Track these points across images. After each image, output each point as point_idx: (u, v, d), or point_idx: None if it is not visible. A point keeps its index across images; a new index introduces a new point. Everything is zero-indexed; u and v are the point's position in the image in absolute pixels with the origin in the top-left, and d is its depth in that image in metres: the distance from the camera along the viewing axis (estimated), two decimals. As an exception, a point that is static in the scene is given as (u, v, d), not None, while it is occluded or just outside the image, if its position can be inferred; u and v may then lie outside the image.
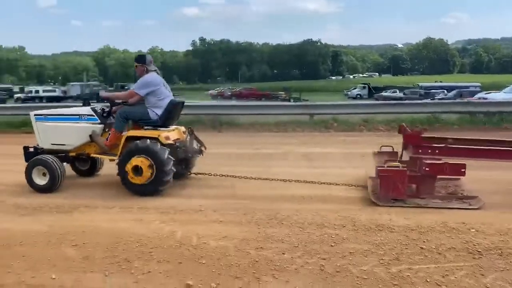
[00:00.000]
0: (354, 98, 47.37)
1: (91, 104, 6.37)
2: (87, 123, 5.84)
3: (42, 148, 5.98)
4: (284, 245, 3.84)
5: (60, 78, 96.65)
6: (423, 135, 5.27)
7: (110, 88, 44.01)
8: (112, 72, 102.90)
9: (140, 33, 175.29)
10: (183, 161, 5.99)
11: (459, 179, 5.38)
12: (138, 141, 5.40)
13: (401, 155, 5.56)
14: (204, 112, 13.72)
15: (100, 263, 3.55)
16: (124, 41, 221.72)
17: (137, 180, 5.35)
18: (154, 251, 3.75)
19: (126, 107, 5.84)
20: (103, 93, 6.48)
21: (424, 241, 3.87)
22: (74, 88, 44.39)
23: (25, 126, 12.64)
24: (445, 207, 4.75)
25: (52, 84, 72.67)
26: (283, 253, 3.66)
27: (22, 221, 4.65)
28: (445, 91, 38.23)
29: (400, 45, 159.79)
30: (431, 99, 27.16)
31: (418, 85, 49.74)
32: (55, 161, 5.67)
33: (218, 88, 62.39)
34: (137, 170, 5.31)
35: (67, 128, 5.89)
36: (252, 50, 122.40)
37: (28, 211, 4.94)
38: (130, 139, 5.51)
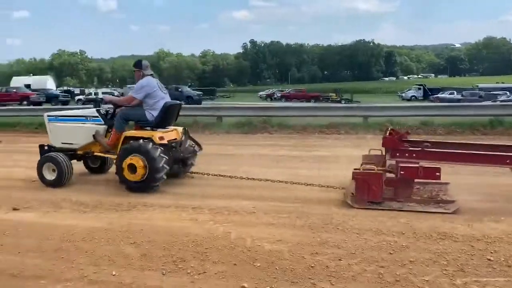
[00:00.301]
0: (409, 99, 45.81)
1: (101, 106, 6.78)
2: (92, 124, 6.25)
3: (53, 147, 6.42)
4: (340, 251, 3.74)
5: (117, 80, 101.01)
6: (405, 138, 5.30)
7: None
8: (166, 75, 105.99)
9: (193, 37, 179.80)
10: (180, 160, 6.21)
11: (447, 183, 5.38)
12: (132, 141, 5.73)
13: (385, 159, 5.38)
14: (255, 114, 13.76)
15: (157, 262, 3.63)
16: (178, 44, 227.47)
17: (132, 177, 5.64)
18: (209, 252, 3.78)
19: (125, 109, 6.17)
20: (106, 97, 6.91)
21: (491, 252, 3.63)
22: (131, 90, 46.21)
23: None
24: (420, 211, 4.69)
25: (110, 86, 76.05)
26: (339, 259, 3.56)
27: (85, 217, 4.85)
28: (508, 92, 36.03)
29: (457, 45, 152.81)
30: (492, 101, 25.69)
31: (477, 86, 47.27)
32: (63, 159, 6.12)
33: (267, 90, 62.61)
34: (132, 168, 5.59)
35: (74, 128, 6.33)
36: (302, 51, 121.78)
37: (90, 208, 5.15)
38: (127, 139, 5.84)
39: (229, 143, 10.35)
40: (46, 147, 6.48)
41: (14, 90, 35.93)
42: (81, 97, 42.81)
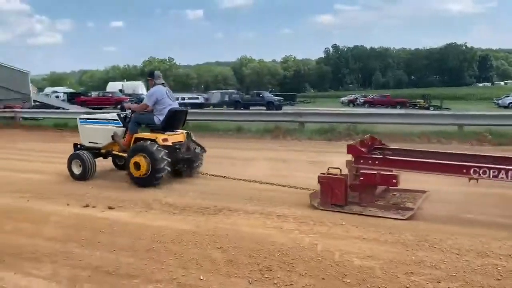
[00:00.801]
0: (506, 107, 41.97)
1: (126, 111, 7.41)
2: (113, 126, 7.09)
3: (83, 145, 7.37)
4: (439, 272, 3.42)
5: (202, 86, 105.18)
6: (378, 146, 5.55)
7: (246, 96, 46.16)
8: (248, 80, 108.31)
9: (275, 43, 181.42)
10: (185, 161, 6.83)
11: (425, 192, 5.54)
12: (140, 142, 6.48)
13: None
14: (338, 120, 13.42)
15: (244, 269, 3.59)
16: (260, 51, 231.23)
17: (136, 173, 6.38)
18: (295, 263, 3.67)
19: (137, 114, 6.93)
20: (126, 105, 7.55)
21: None
22: (215, 96, 47.69)
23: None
24: (376, 216, 4.81)
25: (195, 91, 79.37)
26: (438, 282, 3.26)
27: (174, 219, 4.99)
28: None
29: None
30: None
31: None
32: (88, 156, 7.04)
33: (350, 95, 61.17)
34: (137, 165, 6.30)
35: (98, 130, 7.22)
36: (387, 55, 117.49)
37: (178, 210, 5.30)
38: (137, 140, 6.58)
39: (312, 149, 10.15)
40: (78, 146, 7.43)
41: (110, 95, 39.08)
42: (169, 101, 45.05)
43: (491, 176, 4.50)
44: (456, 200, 5.25)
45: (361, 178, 5.02)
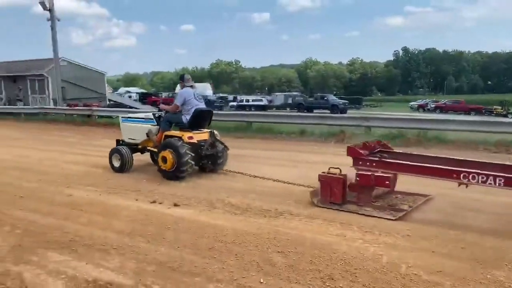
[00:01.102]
0: None
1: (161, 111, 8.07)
2: (148, 124, 7.77)
3: (124, 141, 8.16)
4: (519, 295, 3.14)
5: (266, 88, 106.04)
6: (376, 149, 5.68)
7: (309, 99, 45.85)
8: (313, 83, 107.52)
9: (342, 45, 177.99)
10: (209, 157, 7.37)
11: (427, 196, 5.70)
12: (168, 139, 7.12)
13: None
14: (407, 125, 12.82)
15: (304, 275, 3.52)
16: (325, 53, 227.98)
17: (164, 166, 7.02)
18: (359, 273, 3.54)
19: (168, 114, 7.64)
20: (161, 106, 8.19)
21: None
22: (278, 98, 47.90)
23: (237, 131, 14.12)
24: (369, 215, 5.03)
25: (259, 94, 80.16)
26: (517, 306, 2.98)
27: (235, 220, 5.03)
28: None
29: None
30: None
31: None
32: (126, 151, 7.77)
33: (420, 100, 58.58)
34: (164, 159, 6.95)
35: (136, 127, 7.97)
36: (461, 59, 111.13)
37: (240, 211, 5.34)
38: (167, 137, 7.23)
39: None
40: (120, 141, 8.23)
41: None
42: (233, 103, 45.97)
43: (479, 182, 4.55)
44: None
45: (357, 179, 5.23)
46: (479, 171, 4.57)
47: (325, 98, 42.04)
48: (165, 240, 4.39)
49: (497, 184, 4.43)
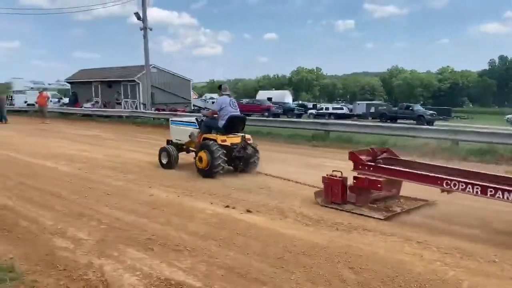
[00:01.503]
0: None
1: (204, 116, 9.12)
2: (191, 127, 8.84)
3: (172, 141, 9.26)
4: None
5: (348, 96, 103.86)
6: (380, 156, 5.93)
7: (393, 108, 44.07)
8: (398, 92, 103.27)
9: (430, 53, 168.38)
10: (240, 159, 8.17)
11: (426, 201, 5.89)
12: (205, 141, 8.10)
13: None
14: (501, 140, 11.75)
15: (375, 295, 3.37)
16: (412, 61, 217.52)
17: (200, 165, 7.97)
18: (435, 298, 3.30)
19: (207, 119, 8.66)
20: (202, 112, 9.64)
21: None
22: (360, 107, 46.60)
23: (314, 140, 13.95)
24: (362, 214, 5.44)
25: (340, 102, 78.73)
26: None
27: (306, 230, 4.97)
28: None
29: None
30: None
31: None
32: (172, 150, 8.92)
33: (518, 113, 53.51)
34: (200, 159, 7.91)
35: (181, 130, 9.13)
36: None
37: (312, 222, 5.26)
38: (204, 139, 8.23)
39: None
40: (169, 141, 9.30)
41: (259, 103, 41.49)
42: (313, 111, 45.63)
43: (459, 189, 4.86)
44: None
45: (354, 181, 5.69)
46: (460, 179, 4.90)
47: (411, 108, 40.09)
48: (235, 245, 4.46)
49: (474, 192, 4.76)
